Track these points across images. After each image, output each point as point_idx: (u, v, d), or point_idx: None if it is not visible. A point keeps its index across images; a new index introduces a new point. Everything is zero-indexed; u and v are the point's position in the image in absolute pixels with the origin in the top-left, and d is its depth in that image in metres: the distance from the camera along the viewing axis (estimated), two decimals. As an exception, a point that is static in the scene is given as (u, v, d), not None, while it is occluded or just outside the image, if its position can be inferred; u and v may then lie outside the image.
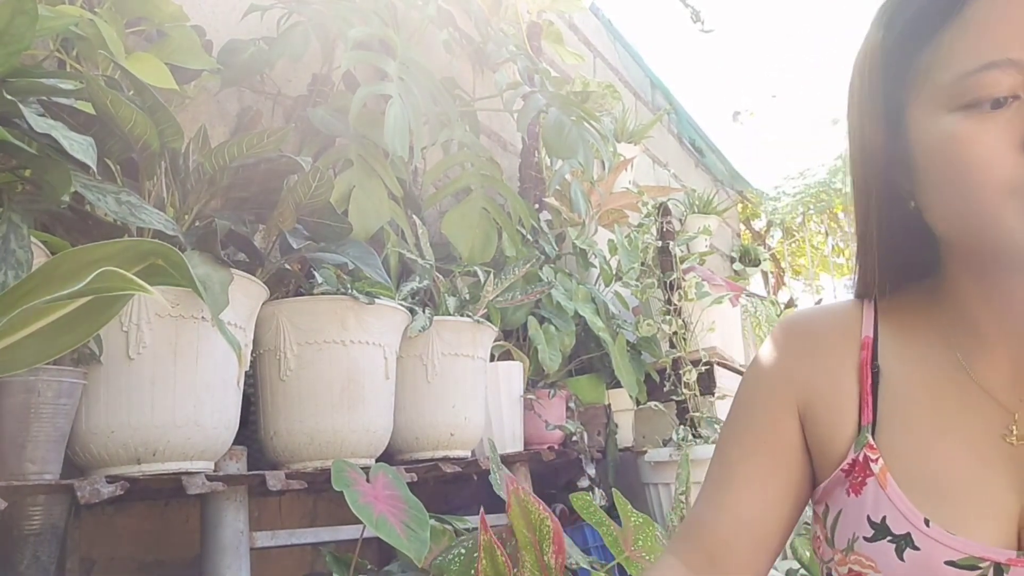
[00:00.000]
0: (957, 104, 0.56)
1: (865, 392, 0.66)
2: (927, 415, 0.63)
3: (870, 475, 0.63)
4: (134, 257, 0.71)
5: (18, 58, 0.91)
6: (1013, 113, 0.54)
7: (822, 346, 0.70)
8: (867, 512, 0.62)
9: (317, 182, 1.23)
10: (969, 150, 0.55)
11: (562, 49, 2.58)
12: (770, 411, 0.69)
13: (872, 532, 0.62)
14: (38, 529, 1.01)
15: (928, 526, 0.59)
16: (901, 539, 0.60)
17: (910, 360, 0.66)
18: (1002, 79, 0.54)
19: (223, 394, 1.13)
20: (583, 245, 2.29)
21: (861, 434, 0.65)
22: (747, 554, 0.66)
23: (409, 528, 1.06)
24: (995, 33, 0.54)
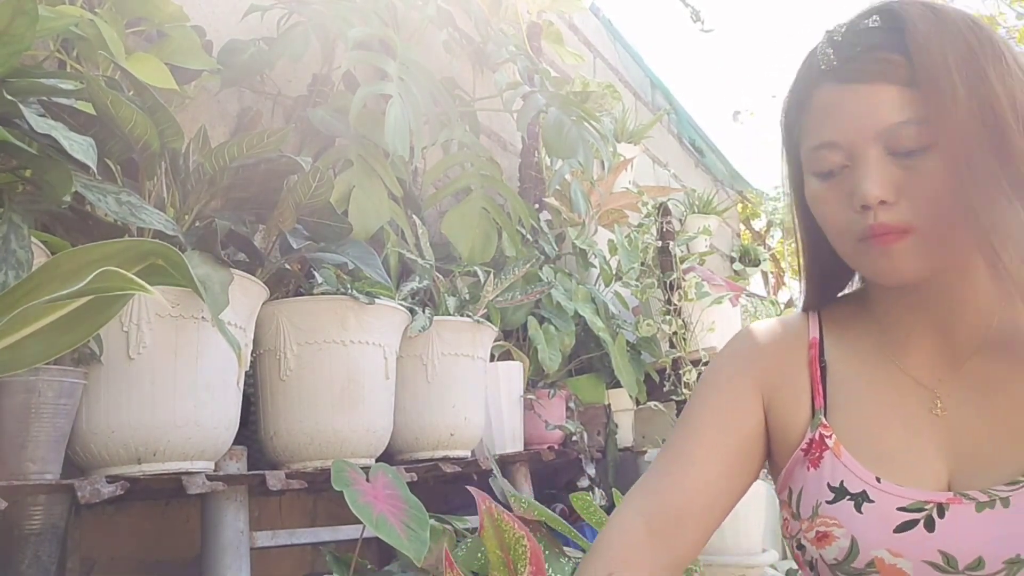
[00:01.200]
0: (812, 171, 0.74)
1: (816, 382, 0.81)
2: (868, 398, 0.78)
3: (826, 449, 0.77)
4: (134, 257, 0.71)
5: (18, 58, 0.91)
6: (842, 180, 0.71)
7: (779, 346, 0.84)
8: (826, 480, 0.75)
9: (317, 182, 1.23)
10: (823, 207, 0.74)
11: (562, 49, 2.58)
12: (735, 393, 0.82)
13: (833, 495, 0.74)
14: (39, 529, 1.01)
15: (879, 482, 0.73)
16: (858, 496, 0.73)
17: (850, 356, 0.81)
18: (829, 156, 0.71)
19: (223, 394, 1.13)
20: (583, 245, 2.29)
21: (815, 416, 0.79)
22: (702, 518, 0.78)
23: (409, 528, 1.06)
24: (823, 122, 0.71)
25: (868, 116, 0.69)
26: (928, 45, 0.67)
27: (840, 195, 0.71)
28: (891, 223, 0.68)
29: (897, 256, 0.69)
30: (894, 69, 0.68)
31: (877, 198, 0.68)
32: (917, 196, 0.68)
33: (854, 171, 0.70)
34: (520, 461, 1.78)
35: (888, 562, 0.71)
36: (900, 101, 0.68)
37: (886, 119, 0.68)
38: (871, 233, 0.69)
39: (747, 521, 1.89)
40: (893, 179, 0.68)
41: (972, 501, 0.69)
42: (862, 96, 0.69)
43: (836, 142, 0.70)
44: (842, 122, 0.70)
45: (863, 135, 0.69)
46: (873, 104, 0.68)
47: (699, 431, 0.80)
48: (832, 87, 0.71)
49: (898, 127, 0.68)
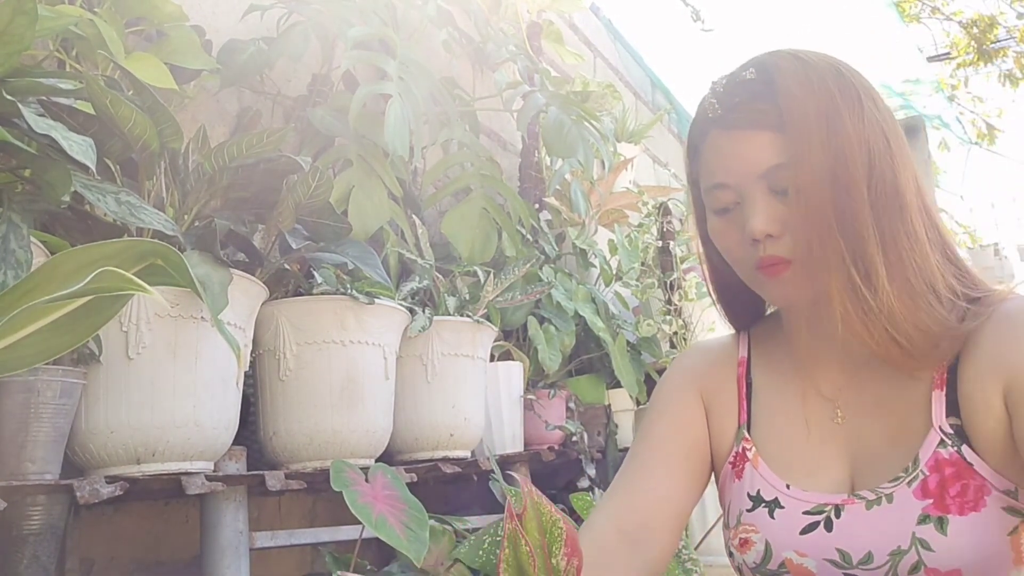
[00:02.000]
0: (710, 208, 0.82)
1: (741, 399, 0.89)
2: (782, 411, 0.86)
3: (747, 461, 0.85)
4: (133, 257, 0.71)
5: (18, 58, 0.91)
6: (736, 216, 0.79)
7: (715, 364, 0.93)
8: (746, 490, 0.83)
9: (317, 182, 1.23)
10: (721, 240, 0.82)
11: (562, 49, 2.57)
12: (684, 404, 0.91)
13: (751, 504, 0.82)
14: (37, 529, 1.01)
15: (789, 489, 0.81)
16: (771, 503, 0.81)
17: (771, 373, 0.89)
18: (722, 195, 0.79)
19: (222, 394, 1.13)
20: (583, 245, 2.28)
21: (739, 430, 0.88)
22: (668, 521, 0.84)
23: (408, 528, 1.06)
24: (714, 164, 0.79)
25: (749, 159, 0.76)
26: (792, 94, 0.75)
27: (735, 229, 0.79)
28: (776, 255, 0.77)
29: (783, 283, 0.78)
30: (767, 117, 0.75)
31: (763, 232, 0.76)
32: (796, 230, 0.75)
33: (743, 208, 0.78)
34: (520, 461, 1.78)
35: (796, 562, 0.78)
36: (773, 146, 0.75)
37: (764, 162, 0.75)
38: (760, 264, 0.78)
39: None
40: (777, 214, 0.76)
41: (863, 500, 0.76)
42: (743, 141, 0.77)
43: (726, 183, 0.78)
44: (729, 165, 0.78)
45: (747, 177, 0.77)
46: (752, 148, 0.76)
47: (657, 441, 0.89)
48: (718, 133, 0.79)
49: (775, 169, 0.75)
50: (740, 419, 0.88)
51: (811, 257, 0.75)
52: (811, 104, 0.74)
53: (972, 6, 6.55)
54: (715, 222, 0.82)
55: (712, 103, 0.80)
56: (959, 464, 0.73)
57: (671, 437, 0.89)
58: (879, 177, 0.74)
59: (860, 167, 0.74)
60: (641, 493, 0.85)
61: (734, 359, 0.92)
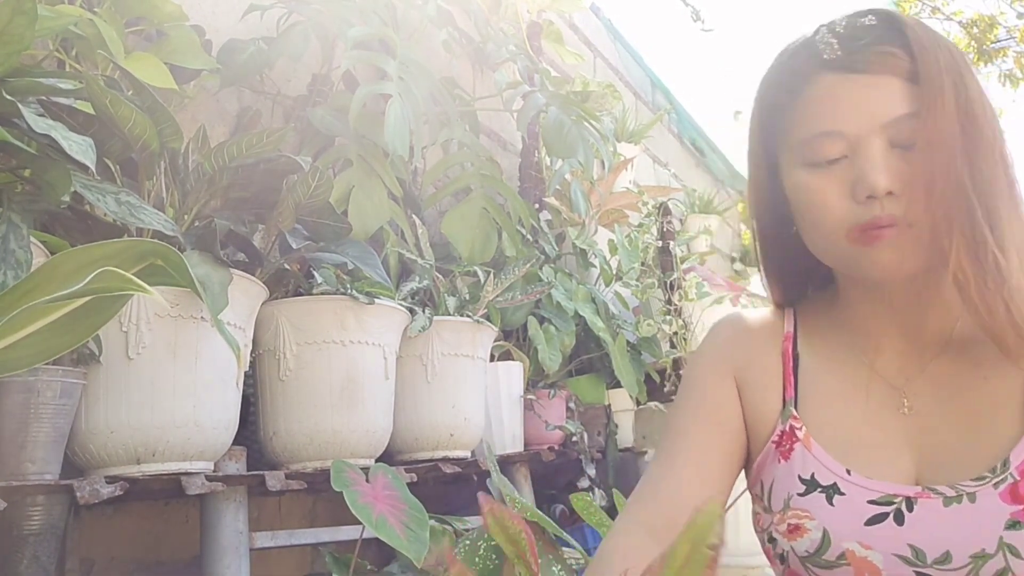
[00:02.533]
0: (803, 161, 0.72)
1: (788, 374, 0.81)
2: (838, 393, 0.79)
3: (796, 441, 0.77)
4: (133, 257, 0.71)
5: (17, 58, 0.91)
6: (842, 169, 0.70)
7: (754, 337, 0.85)
8: (797, 472, 0.76)
9: (316, 182, 1.23)
10: (813, 197, 0.72)
11: (562, 49, 2.57)
12: (714, 385, 0.83)
13: (804, 488, 0.75)
14: (38, 529, 1.01)
15: (850, 475, 0.74)
16: (829, 488, 0.74)
17: (821, 352, 0.82)
18: (830, 146, 0.70)
19: (222, 394, 1.13)
20: (583, 245, 2.28)
21: (786, 407, 0.80)
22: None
23: (409, 528, 1.06)
24: (822, 111, 0.71)
25: (875, 106, 0.69)
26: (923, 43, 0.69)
27: (838, 186, 0.70)
28: (896, 215, 0.68)
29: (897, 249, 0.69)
30: (898, 63, 0.69)
31: (886, 188, 0.68)
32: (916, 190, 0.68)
33: (856, 161, 0.69)
34: (520, 461, 1.78)
35: (859, 554, 0.72)
36: (903, 94, 0.68)
37: (892, 111, 0.68)
38: (874, 224, 0.68)
39: (747, 521, 1.89)
40: (898, 171, 0.68)
41: (940, 496, 0.70)
42: (868, 86, 0.69)
43: (839, 131, 0.70)
44: (846, 111, 0.69)
45: (869, 125, 0.69)
46: (881, 95, 0.69)
47: (687, 432, 0.82)
48: (835, 77, 0.70)
49: (902, 119, 0.68)
50: (786, 395, 0.80)
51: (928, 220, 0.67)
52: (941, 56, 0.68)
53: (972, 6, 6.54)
54: (808, 178, 0.72)
55: (830, 43, 0.71)
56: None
57: (702, 427, 0.82)
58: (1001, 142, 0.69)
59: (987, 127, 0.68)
60: (671, 489, 0.79)
61: (778, 333, 0.85)
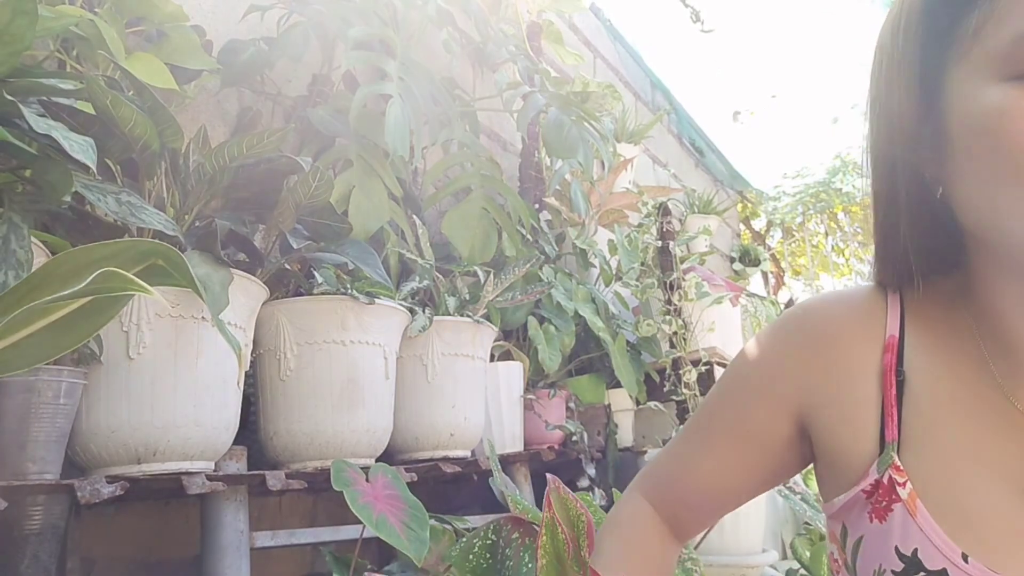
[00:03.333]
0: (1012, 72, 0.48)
1: (889, 403, 0.58)
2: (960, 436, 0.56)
3: (897, 500, 0.56)
4: (134, 257, 0.71)
5: (18, 58, 0.91)
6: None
7: (839, 344, 0.62)
8: (895, 543, 0.56)
9: (317, 182, 1.23)
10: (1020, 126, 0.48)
11: (562, 49, 2.58)
12: (763, 408, 0.65)
13: (903, 567, 0.55)
14: (38, 529, 1.01)
15: (967, 562, 0.53)
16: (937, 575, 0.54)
17: (940, 369, 0.58)
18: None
19: (223, 394, 1.13)
20: (583, 245, 2.28)
21: (885, 452, 0.58)
22: (705, 517, 0.72)
23: (409, 528, 1.06)
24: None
25: None
26: None
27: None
28: None
29: None
30: None
31: None
32: None
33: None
34: (520, 461, 1.78)
35: None
36: None
37: None
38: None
39: (747, 521, 1.89)
40: None
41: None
42: None
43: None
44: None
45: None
46: None
47: (716, 431, 0.68)
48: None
49: None
50: (888, 434, 0.58)
51: None
52: None
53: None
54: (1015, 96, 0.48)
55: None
56: None
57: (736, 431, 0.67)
58: None
59: None
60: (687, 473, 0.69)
61: (877, 338, 0.61)
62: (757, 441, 0.66)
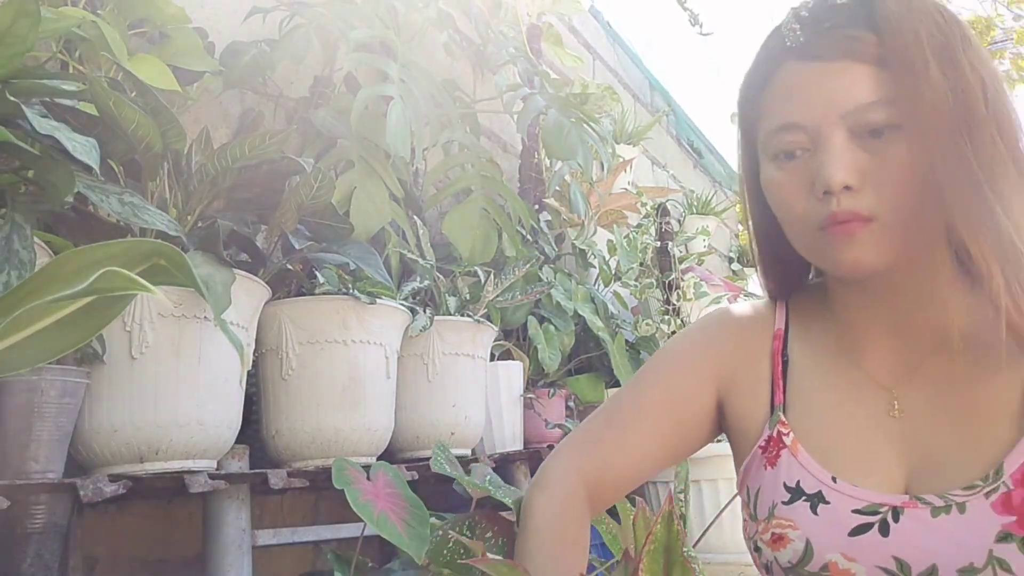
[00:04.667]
0: (769, 155, 0.70)
1: (777, 377, 0.78)
2: (827, 396, 0.75)
3: (783, 447, 0.75)
4: (137, 257, 0.71)
5: (21, 60, 0.91)
6: (802, 164, 0.67)
7: (744, 338, 0.82)
8: (783, 480, 0.73)
9: (319, 183, 1.24)
10: (779, 192, 0.70)
11: (562, 51, 2.58)
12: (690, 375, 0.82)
13: (789, 496, 0.72)
14: (41, 528, 1.01)
15: (835, 483, 0.70)
16: (814, 496, 0.71)
17: (813, 352, 0.78)
18: (791, 138, 0.67)
19: (226, 393, 1.14)
20: (582, 245, 2.29)
21: (774, 413, 0.77)
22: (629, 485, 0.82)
23: (410, 526, 1.07)
24: (785, 102, 0.68)
25: (835, 96, 0.65)
26: (899, 23, 0.63)
27: (800, 180, 0.68)
28: (854, 210, 0.65)
29: (859, 245, 0.66)
30: (863, 47, 0.64)
31: (841, 183, 0.64)
32: (882, 182, 0.64)
33: (816, 155, 0.66)
34: (520, 460, 1.78)
35: (842, 567, 0.68)
36: (869, 81, 0.64)
37: (854, 99, 0.64)
38: (833, 220, 0.65)
39: (740, 519, 1.89)
40: (858, 164, 0.65)
41: (928, 506, 0.66)
42: (829, 75, 0.65)
43: (799, 123, 0.67)
44: (806, 102, 0.66)
45: (828, 117, 0.65)
46: (840, 83, 0.65)
47: (646, 405, 0.82)
48: (797, 65, 0.67)
49: (866, 108, 0.64)
50: (775, 400, 0.77)
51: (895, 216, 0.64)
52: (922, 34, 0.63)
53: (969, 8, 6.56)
54: (774, 172, 0.69)
55: (793, 29, 0.67)
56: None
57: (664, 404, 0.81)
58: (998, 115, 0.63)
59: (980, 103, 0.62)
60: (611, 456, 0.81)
61: (769, 331, 0.81)
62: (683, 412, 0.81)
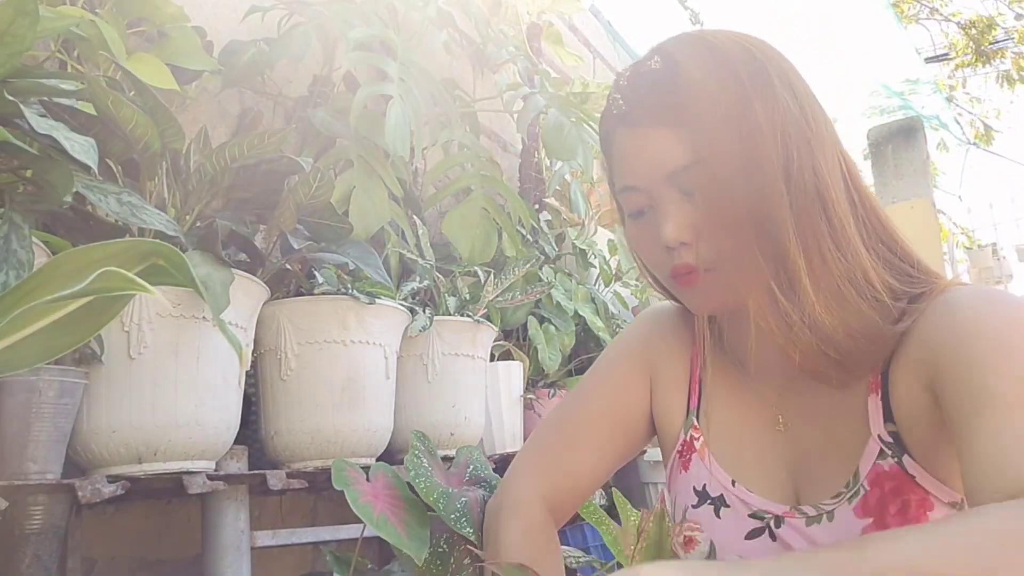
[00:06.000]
0: (624, 211, 0.75)
1: (694, 381, 0.82)
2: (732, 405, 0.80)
3: (694, 451, 0.80)
4: (135, 257, 0.71)
5: (19, 59, 0.91)
6: (649, 219, 0.72)
7: (669, 339, 0.86)
8: (692, 483, 0.78)
9: (318, 183, 1.24)
10: (637, 246, 0.75)
11: (562, 50, 2.58)
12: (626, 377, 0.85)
13: (696, 499, 0.77)
14: (39, 528, 1.01)
15: (734, 486, 0.76)
16: (717, 499, 0.76)
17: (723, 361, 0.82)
18: (633, 198, 0.72)
19: (224, 394, 1.13)
20: (583, 245, 2.29)
21: (688, 417, 0.82)
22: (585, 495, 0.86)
23: (410, 527, 1.06)
24: (621, 166, 0.72)
25: (655, 160, 0.69)
26: (695, 85, 0.67)
27: (649, 235, 0.72)
28: (692, 263, 0.70)
29: (701, 293, 0.72)
30: (670, 112, 0.68)
31: (676, 240, 0.69)
32: (708, 236, 0.69)
33: (655, 213, 0.71)
34: (520, 461, 1.78)
35: None
36: (680, 144, 0.67)
37: (671, 163, 0.68)
38: (676, 272, 0.71)
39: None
40: (691, 219, 0.69)
41: (804, 516, 0.72)
42: (647, 140, 0.69)
43: (635, 186, 0.71)
44: (635, 167, 0.70)
45: (654, 179, 0.69)
46: (657, 148, 0.68)
47: (592, 414, 0.85)
48: (624, 132, 0.71)
49: (682, 170, 0.68)
50: (691, 404, 0.82)
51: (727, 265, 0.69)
52: (717, 94, 0.66)
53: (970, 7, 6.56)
54: (630, 226, 0.75)
55: (616, 98, 0.72)
56: (899, 477, 0.68)
57: (607, 415, 0.85)
58: (798, 171, 0.66)
59: (775, 160, 0.66)
60: (568, 472, 0.84)
61: (690, 336, 0.85)
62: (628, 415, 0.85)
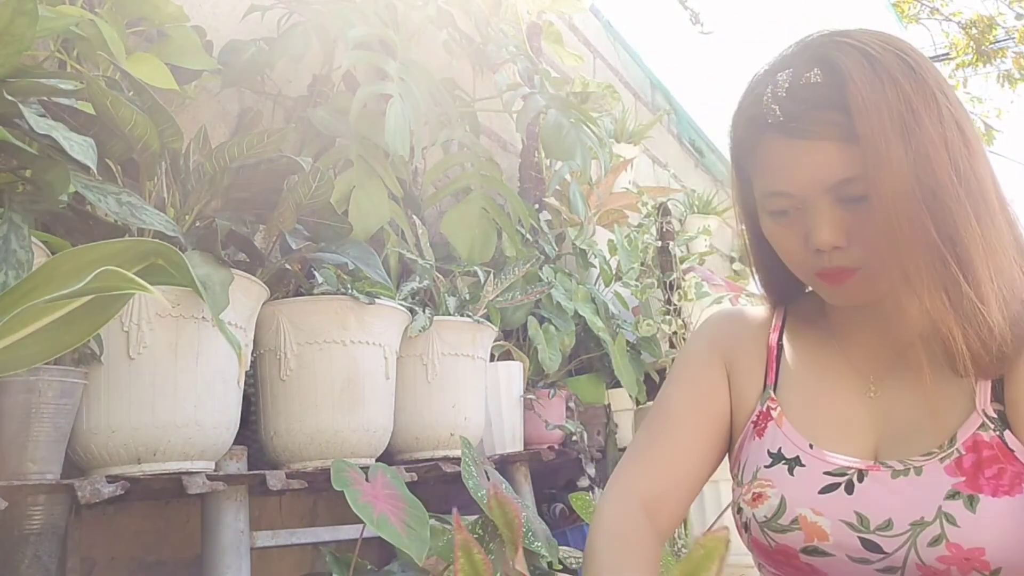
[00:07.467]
0: (766, 210, 0.80)
1: (771, 361, 0.90)
2: (813, 377, 0.87)
3: (770, 420, 0.86)
4: (134, 257, 0.71)
5: (19, 59, 0.91)
6: (795, 219, 0.77)
7: (745, 329, 0.94)
8: (767, 447, 0.84)
9: (317, 182, 1.24)
10: (779, 243, 0.81)
11: (562, 50, 2.58)
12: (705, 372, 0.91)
13: (770, 460, 0.83)
14: (39, 529, 1.01)
15: (812, 448, 0.81)
16: (792, 460, 0.82)
17: (804, 343, 0.89)
18: (780, 201, 0.77)
19: (224, 394, 1.13)
20: (583, 245, 2.29)
21: (765, 391, 0.88)
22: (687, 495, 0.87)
23: (409, 527, 1.07)
24: (773, 172, 0.77)
25: (816, 172, 0.73)
26: (865, 103, 0.70)
27: (795, 233, 0.78)
28: (843, 265, 0.76)
29: (846, 290, 0.78)
30: (836, 128, 0.72)
31: (830, 244, 0.74)
32: (865, 238, 0.74)
33: (807, 216, 0.76)
34: (520, 461, 1.78)
35: (810, 520, 0.78)
36: (843, 158, 0.72)
37: (833, 176, 0.73)
38: (824, 273, 0.77)
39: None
40: (843, 224, 0.74)
41: (889, 469, 0.77)
42: (808, 153, 0.73)
43: (787, 192, 0.76)
44: (791, 175, 0.75)
45: (813, 189, 0.74)
46: (820, 161, 0.73)
47: (678, 412, 0.90)
48: (779, 139, 0.75)
49: (844, 183, 0.73)
50: (767, 380, 0.89)
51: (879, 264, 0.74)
52: (886, 110, 0.70)
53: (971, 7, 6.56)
54: (771, 225, 0.80)
55: (773, 109, 0.74)
56: (999, 448, 0.73)
57: (693, 409, 0.89)
58: (965, 176, 0.71)
59: (945, 169, 0.70)
60: (662, 466, 0.87)
61: (767, 325, 0.93)
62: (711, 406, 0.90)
